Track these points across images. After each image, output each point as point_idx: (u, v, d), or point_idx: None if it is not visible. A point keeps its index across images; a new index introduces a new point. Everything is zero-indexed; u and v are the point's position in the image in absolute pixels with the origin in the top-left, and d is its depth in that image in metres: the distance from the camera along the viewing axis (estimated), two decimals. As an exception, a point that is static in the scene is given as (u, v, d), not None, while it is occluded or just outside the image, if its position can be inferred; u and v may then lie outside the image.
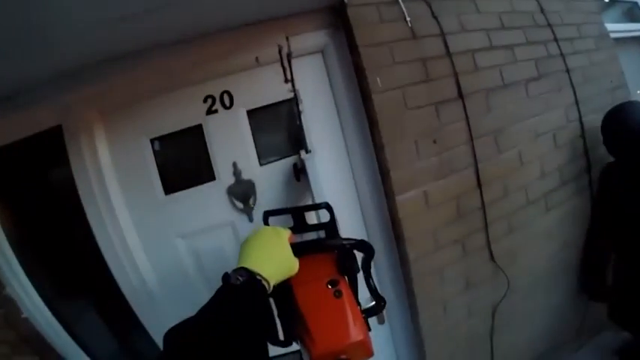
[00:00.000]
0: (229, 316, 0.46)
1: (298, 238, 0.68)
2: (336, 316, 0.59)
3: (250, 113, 1.22)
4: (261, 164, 1.22)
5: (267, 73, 1.22)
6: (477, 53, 1.37)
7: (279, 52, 1.23)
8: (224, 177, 1.19)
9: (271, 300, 0.60)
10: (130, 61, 1.07)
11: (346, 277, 0.65)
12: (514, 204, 1.36)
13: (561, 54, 1.61)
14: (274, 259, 0.55)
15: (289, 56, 1.24)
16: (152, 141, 1.20)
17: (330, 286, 0.61)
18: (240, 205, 1.21)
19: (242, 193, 1.20)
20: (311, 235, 0.77)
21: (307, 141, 1.21)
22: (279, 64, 1.22)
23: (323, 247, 0.66)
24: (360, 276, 0.67)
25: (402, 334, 1.50)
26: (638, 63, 2.47)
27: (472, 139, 1.26)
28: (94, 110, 1.14)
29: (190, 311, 1.19)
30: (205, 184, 1.20)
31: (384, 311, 1.40)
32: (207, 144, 1.20)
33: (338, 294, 0.60)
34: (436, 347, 1.45)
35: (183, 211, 1.20)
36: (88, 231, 1.19)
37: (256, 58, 1.20)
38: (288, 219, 0.84)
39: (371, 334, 0.65)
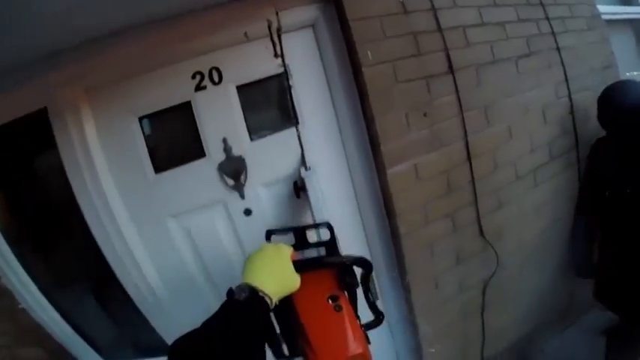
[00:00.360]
0: (232, 329, 0.50)
1: (300, 255, 0.71)
2: (337, 329, 0.62)
3: (240, 89, 1.20)
4: (251, 139, 1.21)
5: (257, 49, 1.20)
6: (468, 29, 1.36)
7: (269, 27, 1.21)
8: (214, 154, 1.18)
9: (274, 315, 0.63)
10: (116, 38, 1.05)
11: (346, 293, 0.68)
12: (503, 178, 1.37)
13: (552, 32, 1.61)
14: (276, 276, 0.58)
15: (279, 31, 1.22)
16: (140, 119, 1.18)
17: (330, 301, 0.65)
18: (231, 181, 1.20)
19: (233, 169, 1.20)
20: (312, 253, 0.79)
21: (298, 114, 1.20)
22: (268, 39, 1.21)
23: (324, 264, 0.69)
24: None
25: (396, 311, 1.51)
26: (629, 45, 2.48)
27: (462, 113, 1.26)
28: (80, 89, 1.11)
29: (184, 289, 1.19)
30: (195, 162, 1.19)
31: (377, 288, 1.42)
32: (197, 121, 1.18)
33: (338, 308, 0.64)
34: (430, 323, 1.47)
35: (173, 190, 1.19)
36: (79, 216, 1.18)
37: (245, 34, 1.18)
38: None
39: (366, 310, 0.70)
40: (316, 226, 0.79)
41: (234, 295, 0.53)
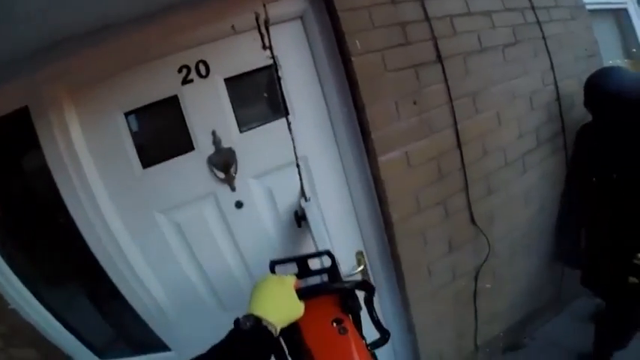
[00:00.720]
0: (236, 357, 0.55)
1: (303, 283, 0.74)
2: (343, 352, 0.64)
3: (228, 81, 1.19)
4: (241, 131, 1.20)
5: (245, 41, 1.19)
6: (455, 18, 1.38)
7: (256, 19, 1.20)
8: (203, 147, 1.17)
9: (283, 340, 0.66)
10: (98, 34, 1.02)
11: (350, 316, 0.71)
12: (493, 164, 1.39)
13: (538, 21, 1.63)
14: (280, 306, 0.62)
15: (267, 23, 1.22)
16: (127, 115, 1.16)
17: (335, 324, 0.68)
18: (221, 174, 1.19)
19: (222, 161, 1.19)
20: (315, 279, 0.80)
21: (288, 105, 1.19)
22: (256, 31, 1.20)
23: (326, 291, 0.72)
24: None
25: (389, 299, 1.53)
26: (611, 34, 2.54)
27: (451, 100, 1.28)
28: (62, 87, 1.07)
29: (176, 285, 1.18)
30: (184, 155, 1.17)
31: (371, 277, 1.43)
32: (184, 114, 1.16)
33: (343, 331, 0.66)
34: (424, 311, 1.48)
35: (162, 185, 1.18)
36: (66, 214, 1.15)
37: (232, 26, 1.17)
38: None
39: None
40: (318, 254, 0.81)
41: (240, 324, 0.57)
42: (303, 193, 1.24)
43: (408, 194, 1.23)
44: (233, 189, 1.21)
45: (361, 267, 1.36)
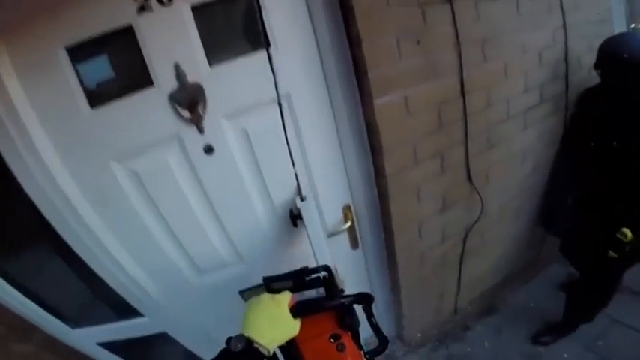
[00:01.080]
0: None
1: (299, 296, 0.72)
2: None
3: (196, 10, 0.96)
4: (211, 65, 0.99)
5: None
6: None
7: None
8: (164, 82, 0.95)
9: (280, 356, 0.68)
10: None
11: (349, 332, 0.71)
12: (495, 117, 1.29)
13: (555, -23, 1.49)
14: (273, 326, 0.62)
15: None
16: (70, 51, 0.93)
17: (332, 340, 0.68)
18: (186, 113, 0.99)
19: (187, 98, 0.98)
20: (310, 292, 0.77)
21: (269, 36, 1.00)
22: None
23: (323, 308, 0.70)
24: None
25: (375, 259, 1.46)
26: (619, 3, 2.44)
27: (459, 45, 1.13)
28: None
29: (138, 241, 1.00)
30: (140, 92, 0.95)
31: (359, 235, 1.33)
32: (141, 46, 0.94)
33: (341, 347, 0.67)
34: (409, 272, 1.43)
35: (115, 128, 0.96)
36: (6, 170, 0.95)
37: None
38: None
39: (345, 259, 0.70)
40: (314, 270, 0.77)
41: (231, 345, 0.56)
42: (299, 192, 1.13)
43: (404, 144, 1.11)
44: (201, 131, 1.02)
45: (348, 223, 1.26)
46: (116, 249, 1.11)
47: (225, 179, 1.08)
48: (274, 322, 0.62)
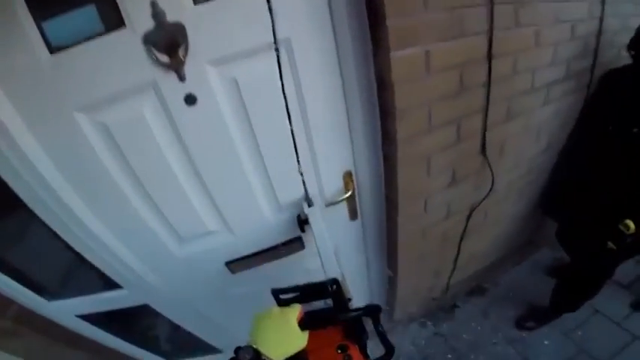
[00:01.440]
0: None
1: (308, 307, 0.72)
2: None
3: None
4: (195, 2, 0.82)
5: None
6: None
7: None
8: (137, 22, 0.77)
9: None
10: None
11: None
12: (519, 87, 1.18)
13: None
14: (282, 339, 0.63)
15: None
16: None
17: (339, 351, 0.71)
18: (164, 57, 0.84)
19: (166, 40, 0.82)
20: (319, 303, 0.77)
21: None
22: None
23: (332, 322, 0.71)
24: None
25: (375, 232, 1.40)
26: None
27: (492, 3, 1.00)
28: None
29: (108, 203, 0.89)
30: (109, 34, 0.78)
31: (358, 206, 1.24)
32: None
33: (348, 359, 0.69)
34: (409, 247, 1.38)
35: (80, 75, 0.79)
36: None
37: None
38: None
39: (342, 231, 0.64)
40: (323, 284, 0.76)
41: (239, 356, 0.58)
42: (306, 197, 1.10)
43: (419, 107, 1.00)
44: (182, 78, 0.87)
45: (349, 192, 1.17)
46: (85, 214, 0.98)
47: (209, 134, 0.93)
48: (282, 335, 0.64)
